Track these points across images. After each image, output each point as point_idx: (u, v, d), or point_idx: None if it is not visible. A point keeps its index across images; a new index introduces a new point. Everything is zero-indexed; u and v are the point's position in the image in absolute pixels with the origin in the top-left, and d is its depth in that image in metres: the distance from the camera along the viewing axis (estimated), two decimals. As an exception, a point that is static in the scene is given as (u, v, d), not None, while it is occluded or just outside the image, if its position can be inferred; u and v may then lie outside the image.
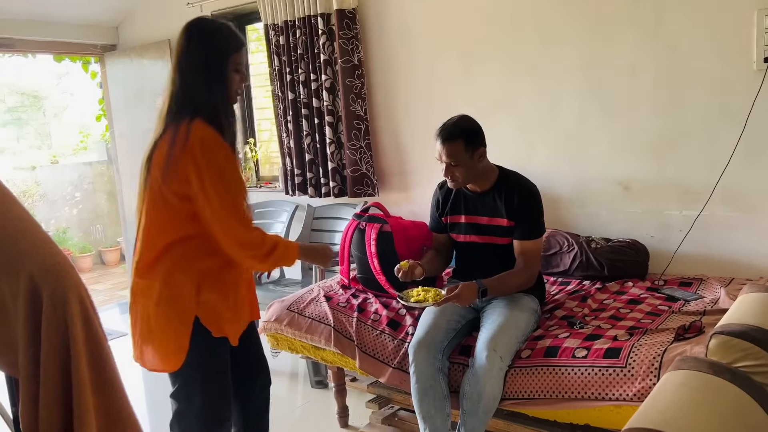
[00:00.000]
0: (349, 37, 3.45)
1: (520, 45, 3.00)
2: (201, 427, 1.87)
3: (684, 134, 2.64)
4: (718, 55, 2.52)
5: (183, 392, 1.87)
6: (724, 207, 2.58)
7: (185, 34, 1.74)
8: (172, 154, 1.66)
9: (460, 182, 2.32)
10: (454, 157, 2.23)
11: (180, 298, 1.76)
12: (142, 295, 1.79)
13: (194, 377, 1.84)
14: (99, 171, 7.48)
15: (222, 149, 1.71)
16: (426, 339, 2.20)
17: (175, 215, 1.74)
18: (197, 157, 1.65)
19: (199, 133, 1.67)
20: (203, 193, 1.67)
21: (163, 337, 1.79)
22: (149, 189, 1.76)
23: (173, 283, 1.76)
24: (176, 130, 1.69)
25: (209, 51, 1.72)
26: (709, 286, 2.47)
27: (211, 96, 1.72)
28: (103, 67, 5.11)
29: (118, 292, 5.94)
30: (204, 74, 1.71)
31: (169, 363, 1.81)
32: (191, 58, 1.72)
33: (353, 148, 3.53)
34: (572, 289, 2.63)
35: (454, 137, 2.22)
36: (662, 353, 1.87)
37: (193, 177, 1.67)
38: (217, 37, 1.73)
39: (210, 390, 1.86)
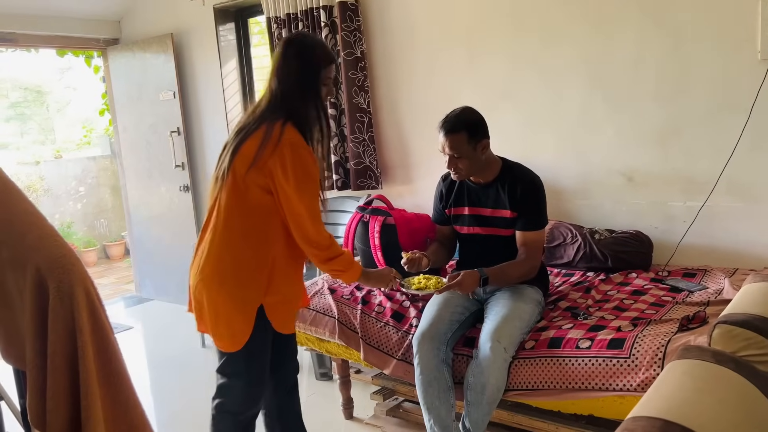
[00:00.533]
0: (351, 29, 3.44)
1: (523, 37, 2.99)
2: (241, 402, 2.02)
3: (688, 125, 2.63)
4: (722, 45, 2.50)
5: (230, 369, 2.01)
6: (728, 197, 2.58)
7: (285, 45, 1.92)
8: (263, 151, 1.82)
9: (464, 174, 2.32)
10: (457, 149, 2.23)
11: (249, 285, 1.90)
12: (213, 275, 1.91)
13: (243, 357, 1.96)
14: (103, 165, 7.50)
15: (309, 155, 1.87)
16: (430, 330, 2.21)
17: (254, 205, 1.88)
18: (286, 157, 1.81)
19: (291, 137, 1.83)
20: (287, 190, 1.83)
21: (229, 320, 1.92)
22: (231, 177, 1.88)
23: (246, 267, 1.90)
24: (270, 130, 1.84)
25: (304, 63, 1.88)
26: (713, 277, 2.47)
27: (303, 103, 1.88)
28: (105, 62, 5.11)
29: (122, 285, 5.96)
30: (298, 83, 1.88)
31: (228, 344, 1.95)
32: (288, 66, 1.89)
33: (356, 140, 3.53)
34: (576, 281, 2.63)
35: (457, 129, 2.22)
36: (666, 344, 1.87)
37: (280, 174, 1.82)
38: (312, 51, 1.90)
39: (254, 370, 1.99)
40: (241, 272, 1.90)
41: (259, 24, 4.46)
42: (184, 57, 4.58)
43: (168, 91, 4.62)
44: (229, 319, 1.92)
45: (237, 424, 2.03)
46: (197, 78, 4.56)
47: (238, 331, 1.91)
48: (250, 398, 2.03)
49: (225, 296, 1.90)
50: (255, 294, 1.91)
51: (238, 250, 1.90)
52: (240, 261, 1.90)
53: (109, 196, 7.48)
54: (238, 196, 1.89)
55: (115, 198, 7.37)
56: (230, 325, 1.92)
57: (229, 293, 1.90)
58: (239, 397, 2.02)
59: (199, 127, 4.64)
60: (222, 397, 2.04)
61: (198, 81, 4.56)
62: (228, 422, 2.03)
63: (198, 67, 4.53)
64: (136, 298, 5.35)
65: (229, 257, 1.90)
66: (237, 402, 2.02)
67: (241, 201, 1.89)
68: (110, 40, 5.01)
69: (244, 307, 1.91)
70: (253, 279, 1.90)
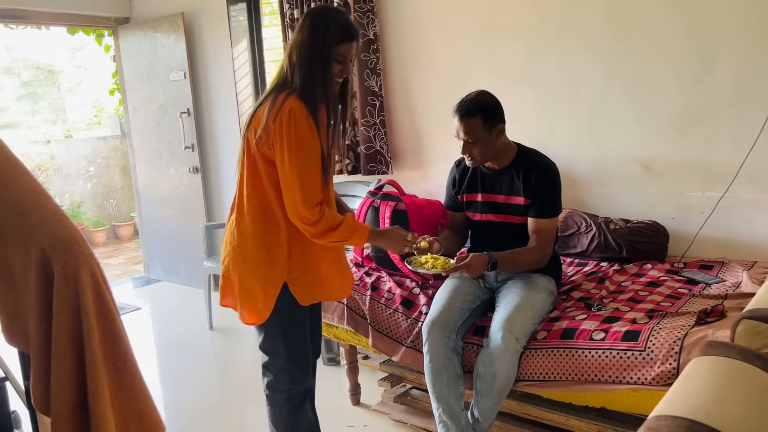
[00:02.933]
0: (364, 10, 3.38)
1: (542, 19, 2.92)
2: (287, 379, 2.02)
3: (709, 112, 2.57)
4: (747, 28, 2.43)
5: (268, 345, 2.02)
6: (748, 188, 2.51)
7: (304, 17, 1.88)
8: (267, 121, 1.82)
9: (479, 160, 2.27)
10: (472, 134, 2.18)
11: (270, 262, 1.90)
12: (237, 251, 1.94)
13: (280, 333, 1.97)
14: (113, 145, 7.48)
15: (307, 122, 1.82)
16: (440, 318, 2.17)
17: (267, 179, 1.88)
18: (283, 123, 1.79)
19: (291, 105, 1.81)
20: (281, 157, 1.82)
21: (251, 295, 1.93)
22: (246, 150, 1.90)
23: (265, 244, 1.90)
24: (274, 101, 1.83)
25: (317, 37, 1.83)
26: (730, 270, 2.41)
27: (310, 79, 1.84)
28: (116, 41, 5.07)
29: (131, 266, 5.97)
30: (308, 59, 1.84)
31: (255, 317, 1.96)
32: (302, 40, 1.84)
33: (367, 124, 3.48)
34: (589, 271, 2.58)
35: (472, 113, 2.17)
36: (683, 337, 1.82)
37: (276, 141, 1.81)
38: (327, 25, 1.84)
39: (292, 345, 1.99)
40: (260, 249, 1.91)
41: (271, 5, 4.40)
42: (195, 37, 4.53)
43: (178, 72, 4.57)
44: (252, 294, 1.93)
45: (289, 401, 2.03)
46: (208, 59, 4.51)
47: (261, 305, 1.92)
48: (295, 374, 2.01)
49: (249, 272, 1.93)
50: (278, 271, 1.91)
51: (256, 226, 1.91)
52: (259, 237, 1.90)
53: (118, 177, 7.48)
54: (253, 171, 1.90)
55: (124, 178, 7.36)
56: (253, 300, 1.94)
57: (253, 269, 1.92)
58: (283, 374, 2.01)
59: (209, 108, 4.60)
60: (268, 375, 2.05)
61: (208, 62, 4.51)
62: (281, 399, 2.04)
63: (209, 48, 4.48)
64: (144, 279, 5.36)
65: (250, 233, 1.92)
66: (283, 380, 2.02)
67: (255, 175, 1.89)
68: (121, 18, 4.96)
69: (265, 283, 1.91)
70: (274, 255, 1.90)
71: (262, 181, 1.89)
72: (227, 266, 1.99)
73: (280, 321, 1.96)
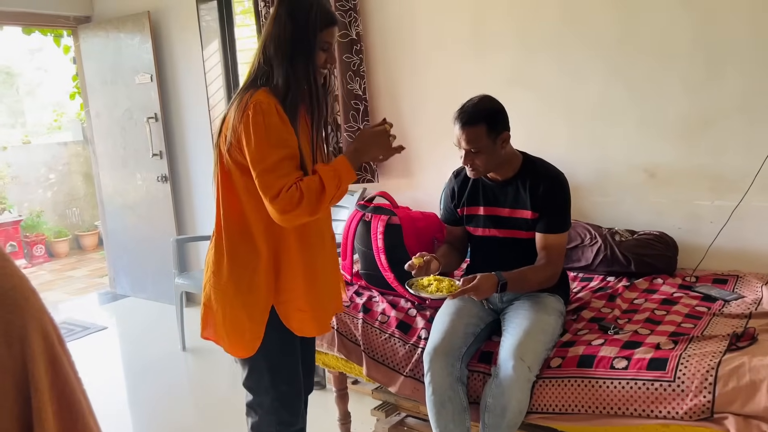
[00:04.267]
0: (346, 8, 3.17)
1: (537, 16, 2.75)
2: (275, 421, 1.78)
3: (718, 116, 2.42)
4: (759, 26, 2.29)
5: (253, 382, 1.78)
6: (760, 197, 2.37)
7: (277, 6, 1.66)
8: (233, 124, 1.61)
9: (481, 171, 2.08)
10: (475, 143, 1.99)
11: (255, 285, 1.68)
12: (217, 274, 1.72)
13: (266, 369, 1.75)
14: (74, 151, 7.12)
15: (278, 116, 1.59)
16: (443, 345, 1.98)
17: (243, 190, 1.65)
18: (250, 120, 1.57)
19: (258, 98, 1.59)
20: (249, 151, 1.58)
21: (236, 324, 1.71)
22: (219, 161, 1.68)
23: (248, 265, 1.67)
24: (240, 101, 1.63)
25: (298, 26, 1.62)
26: (747, 284, 2.27)
27: (293, 71, 1.62)
28: (76, 41, 4.76)
29: (96, 279, 5.65)
30: (289, 49, 1.62)
31: (242, 350, 1.73)
32: (278, 31, 1.63)
33: (351, 130, 3.27)
34: (596, 286, 2.42)
35: (476, 121, 1.98)
36: (716, 366, 1.66)
37: (244, 136, 1.58)
38: (308, 11, 1.63)
39: (281, 383, 1.76)
40: (243, 272, 1.68)
41: (243, 3, 4.16)
42: (163, 37, 4.25)
43: (145, 74, 4.29)
44: (238, 324, 1.70)
45: None
46: (176, 60, 4.23)
47: (249, 336, 1.70)
48: (284, 415, 1.78)
49: (232, 299, 1.70)
50: (264, 294, 1.68)
51: (236, 247, 1.68)
52: (240, 258, 1.68)
53: (81, 184, 7.11)
54: (227, 183, 1.68)
55: (87, 186, 7.00)
56: (239, 332, 1.71)
57: (236, 296, 1.69)
58: (270, 416, 1.78)
59: (178, 113, 4.32)
60: (253, 416, 1.81)
61: (177, 64, 4.24)
62: None
63: (177, 49, 4.21)
64: (110, 295, 5.04)
65: (230, 255, 1.69)
66: (270, 421, 1.78)
67: (231, 188, 1.67)
68: (81, 17, 4.65)
69: (252, 310, 1.69)
70: (258, 278, 1.67)
71: (238, 195, 1.66)
72: (208, 294, 1.75)
73: (266, 355, 1.73)
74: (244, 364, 1.78)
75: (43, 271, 6.15)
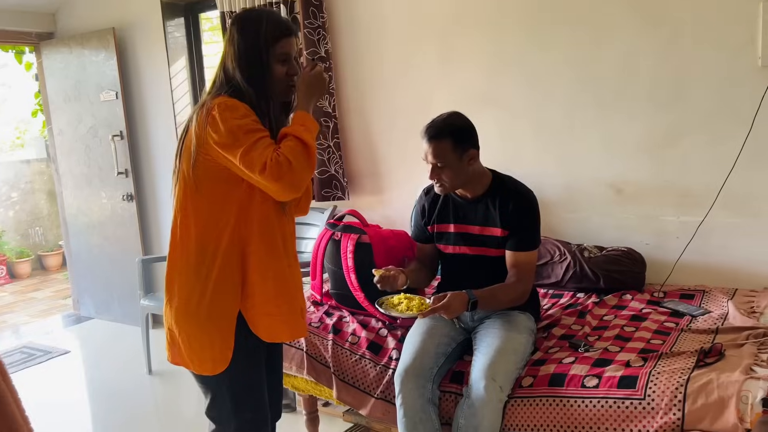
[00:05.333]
0: (315, 26, 3.16)
1: (505, 34, 2.77)
2: None
3: (682, 134, 2.46)
4: (720, 49, 2.34)
5: (216, 411, 1.72)
6: (724, 212, 2.41)
7: (231, 25, 1.67)
8: (198, 133, 1.57)
9: (448, 187, 2.07)
10: (442, 158, 1.99)
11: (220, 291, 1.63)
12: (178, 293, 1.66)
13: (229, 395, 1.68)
14: (38, 169, 6.94)
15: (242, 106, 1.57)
16: (414, 366, 1.95)
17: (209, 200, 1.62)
18: (217, 118, 1.54)
19: (219, 100, 1.57)
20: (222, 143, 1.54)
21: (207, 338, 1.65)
22: (181, 178, 1.65)
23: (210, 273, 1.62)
24: (201, 108, 1.60)
25: (248, 41, 1.61)
26: (713, 299, 2.29)
27: (248, 86, 1.60)
28: (38, 58, 4.65)
29: (59, 300, 5.48)
30: (244, 65, 1.61)
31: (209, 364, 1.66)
32: (234, 49, 1.62)
33: (320, 147, 3.24)
34: (566, 303, 2.42)
35: (442, 135, 1.99)
36: (685, 383, 1.66)
37: (215, 134, 1.54)
38: (258, 26, 1.62)
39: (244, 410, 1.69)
40: (208, 284, 1.62)
41: (210, 20, 4.12)
42: (128, 54, 4.18)
43: (110, 91, 4.21)
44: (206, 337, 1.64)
45: None
46: (143, 77, 4.17)
47: (218, 349, 1.63)
48: None
49: (195, 313, 1.63)
50: (230, 301, 1.63)
51: (196, 257, 1.63)
52: (203, 269, 1.62)
53: (44, 202, 6.93)
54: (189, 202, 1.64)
55: (51, 204, 6.82)
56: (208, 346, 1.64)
57: (198, 306, 1.62)
58: None
59: (144, 130, 4.24)
60: None
61: (143, 81, 4.17)
62: None
63: (143, 66, 4.14)
64: (74, 317, 4.90)
65: (192, 267, 1.64)
66: None
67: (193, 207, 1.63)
68: (44, 34, 4.55)
69: (217, 323, 1.63)
70: (225, 288, 1.63)
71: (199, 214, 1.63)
72: (167, 314, 1.69)
73: (230, 379, 1.66)
74: (206, 392, 1.72)
75: (4, 293, 5.96)
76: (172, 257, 1.69)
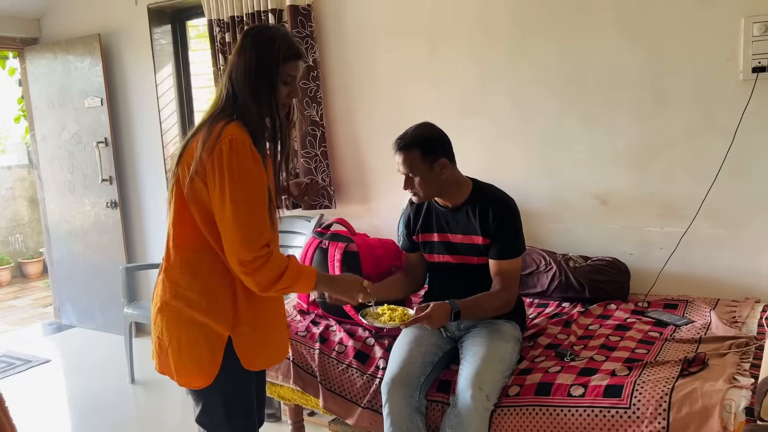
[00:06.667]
0: (303, 35, 3.16)
1: (492, 47, 2.80)
2: None
3: (666, 146, 2.50)
4: (702, 63, 2.39)
5: (207, 418, 1.72)
6: (706, 223, 2.45)
7: (243, 37, 1.67)
8: (201, 155, 1.56)
9: (422, 196, 2.09)
10: (411, 168, 2.02)
11: (213, 314, 1.63)
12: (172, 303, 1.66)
13: (220, 403, 1.69)
14: (19, 175, 6.85)
15: (251, 153, 1.58)
16: (401, 375, 1.95)
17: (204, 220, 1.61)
18: (223, 155, 1.54)
19: (232, 133, 1.56)
20: (220, 194, 1.55)
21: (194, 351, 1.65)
22: (177, 192, 1.64)
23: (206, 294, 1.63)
24: (210, 131, 1.59)
25: (261, 58, 1.62)
26: (696, 309, 2.32)
27: (256, 104, 1.62)
28: (22, 63, 4.61)
29: (40, 309, 5.40)
30: (253, 81, 1.62)
31: (200, 378, 1.66)
32: (243, 62, 1.63)
33: (308, 156, 3.25)
34: (552, 312, 2.44)
35: (410, 146, 2.01)
36: (670, 392, 1.68)
37: (216, 176, 1.55)
38: (271, 44, 1.63)
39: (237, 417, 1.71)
40: (201, 299, 1.62)
41: (197, 28, 4.12)
42: (114, 60, 4.16)
43: (95, 98, 4.18)
44: (195, 349, 1.64)
45: None
46: (128, 84, 4.14)
47: (208, 362, 1.64)
48: None
49: (186, 324, 1.64)
50: (222, 322, 1.63)
51: (191, 274, 1.64)
52: (198, 286, 1.63)
53: (26, 209, 6.84)
54: (183, 212, 1.63)
55: (33, 211, 6.73)
56: (197, 360, 1.64)
57: (191, 321, 1.63)
58: None
59: (129, 137, 4.21)
60: None
61: (129, 87, 4.14)
62: None
63: (129, 72, 4.12)
64: (55, 326, 4.83)
65: (185, 284, 1.63)
66: None
67: (186, 217, 1.63)
68: (28, 39, 4.51)
69: (208, 338, 1.63)
70: (216, 306, 1.63)
71: (195, 223, 1.62)
72: (160, 325, 1.68)
73: (221, 388, 1.66)
74: (197, 399, 1.71)
75: (-17, 301, 5.86)
76: (165, 266, 1.68)
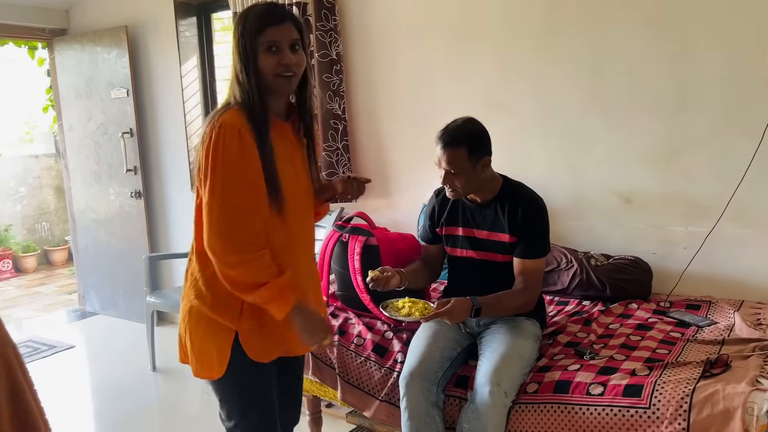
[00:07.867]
0: (327, 29, 3.17)
1: (516, 42, 2.78)
2: None
3: (691, 144, 2.46)
4: (731, 62, 2.34)
5: (224, 412, 1.73)
6: (732, 223, 2.41)
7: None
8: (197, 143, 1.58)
9: (460, 192, 2.08)
10: (456, 165, 1.99)
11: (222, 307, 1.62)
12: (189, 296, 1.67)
13: (236, 397, 1.69)
14: (46, 164, 6.97)
15: (239, 139, 1.52)
16: (419, 369, 1.96)
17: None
18: (209, 144, 1.51)
19: (225, 118, 1.53)
20: (203, 182, 1.52)
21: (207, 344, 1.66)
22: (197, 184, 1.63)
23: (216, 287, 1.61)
24: (209, 119, 1.58)
25: (237, 36, 1.58)
26: (719, 310, 2.29)
27: (246, 83, 1.56)
28: (51, 54, 4.69)
29: (65, 295, 5.50)
30: (237, 61, 1.58)
31: (205, 371, 1.68)
32: (233, 48, 1.60)
33: (329, 149, 3.26)
34: (572, 310, 2.42)
35: (458, 143, 1.98)
36: (691, 393, 1.66)
37: (201, 164, 1.53)
38: (243, 19, 1.58)
39: (252, 411, 1.70)
40: (208, 293, 1.63)
41: (222, 21, 4.14)
42: (140, 52, 4.21)
43: (121, 89, 4.24)
44: (204, 341, 1.66)
45: None
46: (154, 76, 4.19)
47: (214, 355, 1.64)
48: None
49: (196, 316, 1.65)
50: (228, 318, 1.62)
51: (204, 267, 1.63)
52: (207, 279, 1.63)
53: (52, 198, 6.96)
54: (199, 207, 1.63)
55: (59, 200, 6.86)
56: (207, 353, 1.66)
57: (200, 314, 1.64)
58: None
59: (154, 128, 4.27)
60: None
61: (154, 79, 4.19)
62: None
63: (155, 64, 4.17)
64: (79, 312, 4.92)
65: (200, 280, 1.64)
66: None
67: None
68: (57, 30, 4.59)
69: (215, 330, 1.63)
70: (221, 300, 1.62)
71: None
72: (181, 317, 1.70)
73: (232, 380, 1.66)
74: (213, 391, 1.73)
75: (10, 287, 5.99)
76: (190, 256, 1.70)
